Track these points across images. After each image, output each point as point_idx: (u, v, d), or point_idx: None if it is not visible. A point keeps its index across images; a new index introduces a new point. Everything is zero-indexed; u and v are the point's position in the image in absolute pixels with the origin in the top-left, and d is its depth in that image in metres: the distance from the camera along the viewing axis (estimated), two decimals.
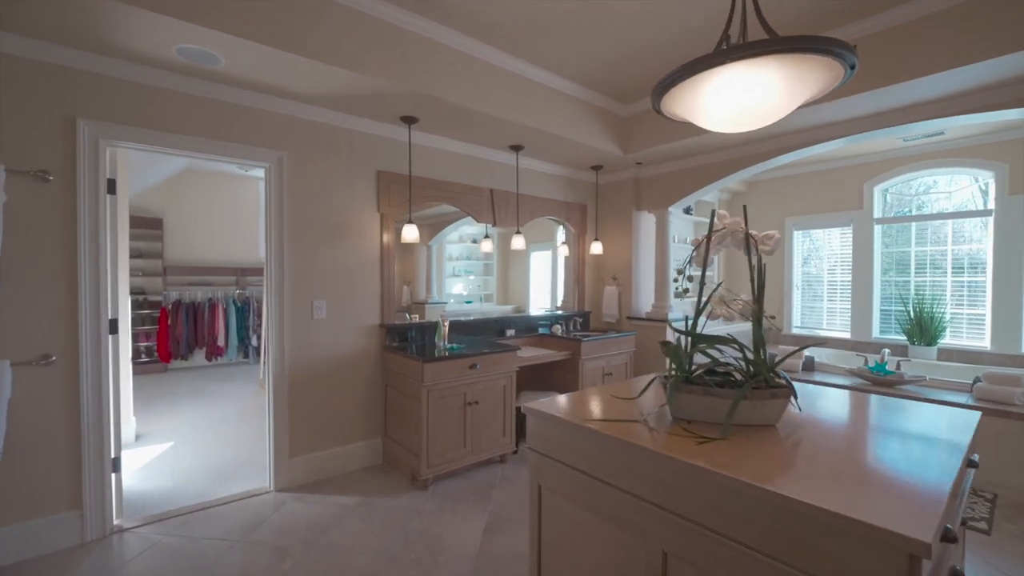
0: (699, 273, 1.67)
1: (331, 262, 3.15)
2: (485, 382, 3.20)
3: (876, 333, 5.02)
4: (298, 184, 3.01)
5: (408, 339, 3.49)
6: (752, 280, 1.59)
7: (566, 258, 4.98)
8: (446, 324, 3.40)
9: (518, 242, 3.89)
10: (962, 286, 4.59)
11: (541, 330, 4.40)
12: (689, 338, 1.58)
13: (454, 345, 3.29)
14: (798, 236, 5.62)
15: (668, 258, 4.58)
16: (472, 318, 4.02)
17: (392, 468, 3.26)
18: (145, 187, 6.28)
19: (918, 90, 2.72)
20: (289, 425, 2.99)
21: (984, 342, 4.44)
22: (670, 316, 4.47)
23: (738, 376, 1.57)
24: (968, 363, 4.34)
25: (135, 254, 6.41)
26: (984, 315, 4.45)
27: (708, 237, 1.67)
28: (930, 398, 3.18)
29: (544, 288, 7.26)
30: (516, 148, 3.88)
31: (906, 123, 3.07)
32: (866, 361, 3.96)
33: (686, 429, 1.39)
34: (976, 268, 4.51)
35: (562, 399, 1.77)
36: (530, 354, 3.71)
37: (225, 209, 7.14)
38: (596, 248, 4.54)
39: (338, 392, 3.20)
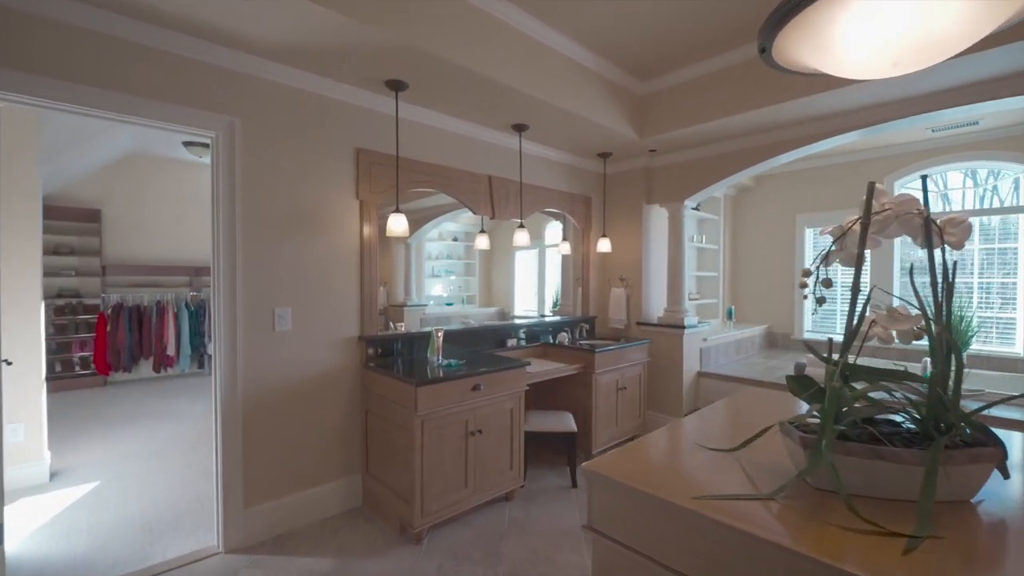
0: (843, 273, 1.15)
1: (298, 260, 2.53)
2: (490, 406, 2.63)
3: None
4: (256, 161, 2.37)
5: (393, 353, 2.89)
6: (934, 285, 1.09)
7: (564, 257, 4.46)
8: (439, 336, 2.82)
9: (521, 238, 3.34)
10: (991, 287, 4.30)
11: (543, 338, 3.86)
12: (842, 370, 1.07)
13: (450, 361, 2.71)
14: (810, 235, 5.27)
15: (683, 256, 4.12)
16: (467, 327, 3.45)
17: (376, 514, 2.65)
18: (78, 174, 5.43)
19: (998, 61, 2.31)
20: (244, 466, 2.35)
21: (1015, 348, 4.15)
22: (686, 321, 4.01)
23: (909, 425, 1.08)
24: (1001, 371, 4.04)
25: (66, 251, 5.54)
26: (1015, 319, 4.17)
27: (863, 221, 1.15)
28: None
29: (529, 290, 6.75)
30: (519, 128, 3.32)
31: (969, 103, 2.67)
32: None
33: (863, 517, 0.87)
34: (1007, 268, 4.22)
35: (630, 452, 1.24)
36: (538, 369, 3.16)
37: (177, 200, 6.32)
38: (604, 245, 4.03)
39: (307, 421, 2.58)
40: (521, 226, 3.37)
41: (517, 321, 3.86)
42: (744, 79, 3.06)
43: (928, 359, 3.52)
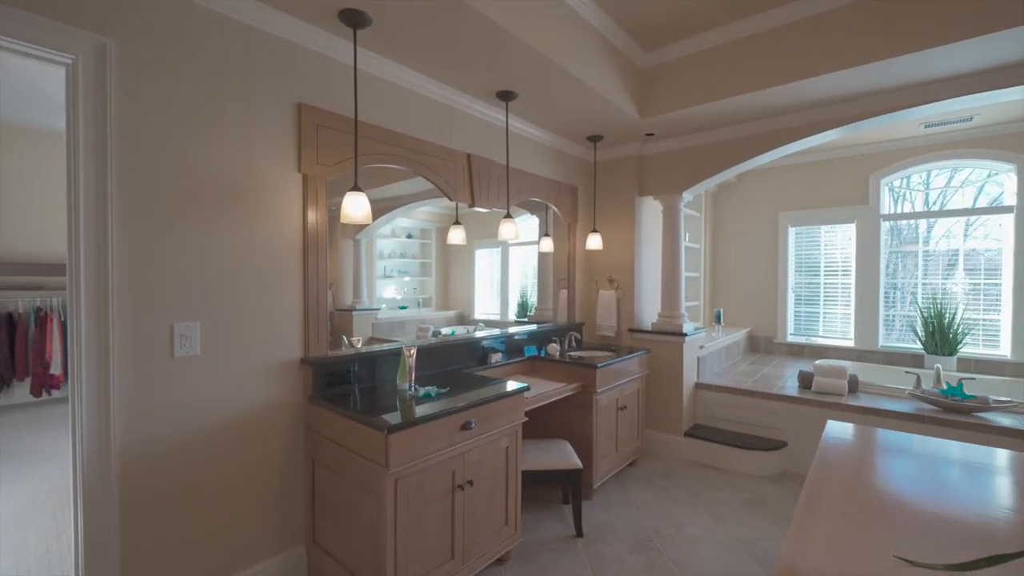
0: None
1: (211, 256, 1.78)
2: (483, 447, 2.01)
3: (881, 341, 4.55)
4: (143, 109, 1.61)
5: (349, 379, 2.18)
6: None
7: (542, 255, 3.93)
8: (412, 355, 2.16)
9: (508, 230, 2.74)
10: (976, 290, 4.22)
11: (528, 350, 3.28)
12: None
13: (428, 390, 2.06)
14: (793, 233, 5.06)
15: (680, 255, 3.68)
16: (442, 341, 2.80)
17: None
18: None
19: None
20: (121, 553, 1.58)
21: (1000, 350, 4.08)
22: (685, 328, 3.57)
23: None
24: (989, 374, 3.93)
25: None
26: (999, 321, 4.10)
27: None
28: None
29: (491, 292, 6.16)
30: (506, 97, 2.72)
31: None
32: (918, 381, 3.33)
33: None
34: (992, 270, 4.14)
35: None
36: (535, 392, 2.57)
37: (60, 184, 5.13)
38: (594, 242, 3.52)
39: (226, 479, 1.83)
40: (507, 216, 2.76)
41: (501, 333, 3.25)
42: (767, 49, 2.63)
43: (939, 366, 3.28)
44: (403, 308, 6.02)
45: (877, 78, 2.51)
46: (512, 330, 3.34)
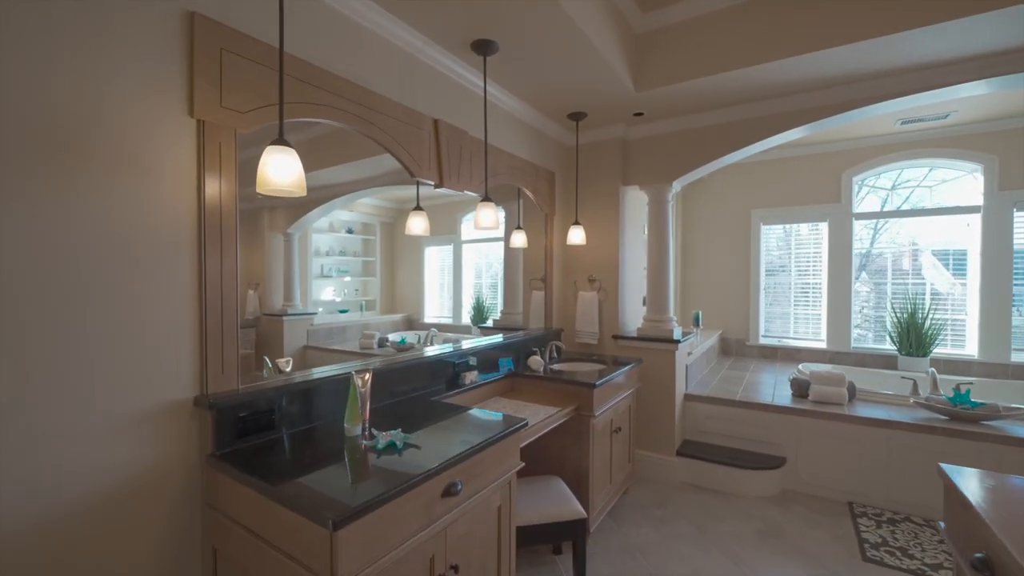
0: None
1: (25, 241, 1.07)
2: (470, 514, 1.43)
3: (853, 342, 4.46)
4: None
5: (274, 422, 1.51)
6: None
7: (510, 251, 3.41)
8: (366, 384, 1.54)
9: (486, 216, 2.17)
10: (946, 290, 4.21)
11: (504, 365, 2.73)
12: None
13: (392, 438, 1.43)
14: (765, 231, 4.89)
15: (668, 252, 3.29)
16: (405, 361, 2.18)
17: None
18: None
19: None
20: None
21: (967, 350, 4.08)
22: (676, 334, 3.19)
23: None
24: (957, 375, 3.91)
25: None
26: (965, 320, 4.10)
27: None
28: None
29: (442, 293, 5.56)
30: (483, 49, 2.15)
31: None
32: (915, 387, 3.15)
33: None
34: (960, 269, 4.14)
35: None
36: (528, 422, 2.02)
37: None
38: (576, 236, 3.04)
39: None
40: (486, 200, 2.20)
41: (476, 346, 2.67)
42: (788, 12, 2.27)
43: (934, 369, 3.11)
44: (344, 312, 5.22)
45: (903, 52, 2.21)
46: (483, 342, 2.77)
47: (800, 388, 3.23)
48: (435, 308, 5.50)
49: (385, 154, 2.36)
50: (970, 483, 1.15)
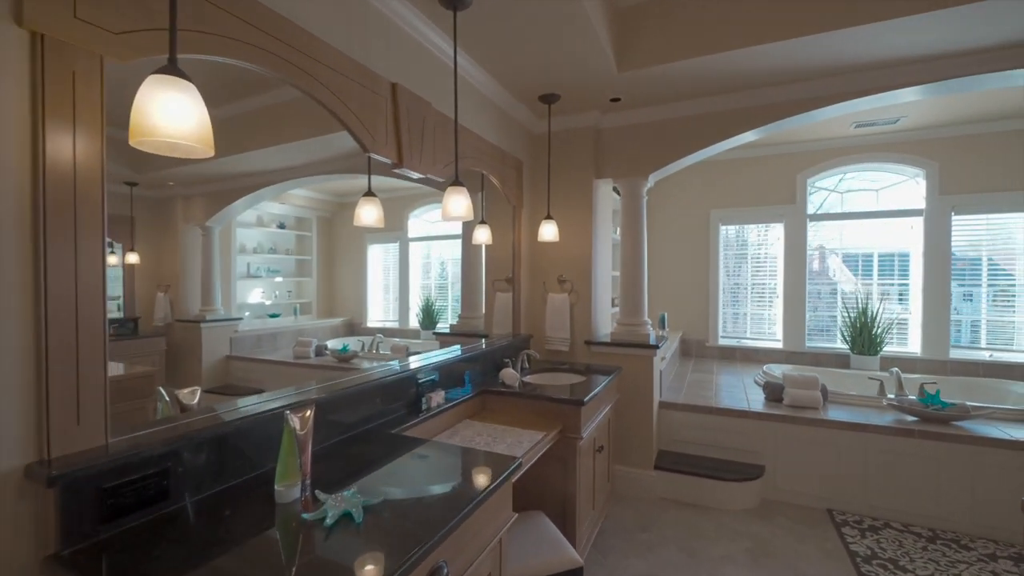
0: None
1: None
2: None
3: (807, 342, 4.52)
4: None
5: (167, 491, 1.04)
6: None
7: (470, 248, 3.06)
8: (306, 425, 1.11)
9: (456, 204, 1.80)
10: (890, 289, 4.36)
11: (472, 379, 2.35)
12: None
13: (344, 506, 1.02)
14: (724, 232, 4.86)
15: (643, 250, 3.07)
16: (353, 386, 1.73)
17: None
18: None
19: None
20: None
21: (909, 347, 4.24)
22: (652, 338, 2.97)
23: None
24: (904, 373, 4.03)
25: None
26: (907, 319, 4.27)
27: None
28: None
29: (386, 295, 5.09)
30: (453, 1, 1.77)
31: None
32: (882, 388, 3.15)
33: None
34: (904, 270, 4.30)
35: None
36: (506, 452, 1.66)
37: None
38: (549, 232, 2.73)
39: None
40: (457, 184, 1.81)
41: (434, 357, 2.26)
42: None
43: (898, 369, 3.13)
44: (274, 316, 4.57)
45: (900, 40, 2.10)
46: (447, 354, 2.38)
47: (774, 392, 3.12)
48: (379, 311, 4.93)
49: (325, 137, 1.92)
50: None
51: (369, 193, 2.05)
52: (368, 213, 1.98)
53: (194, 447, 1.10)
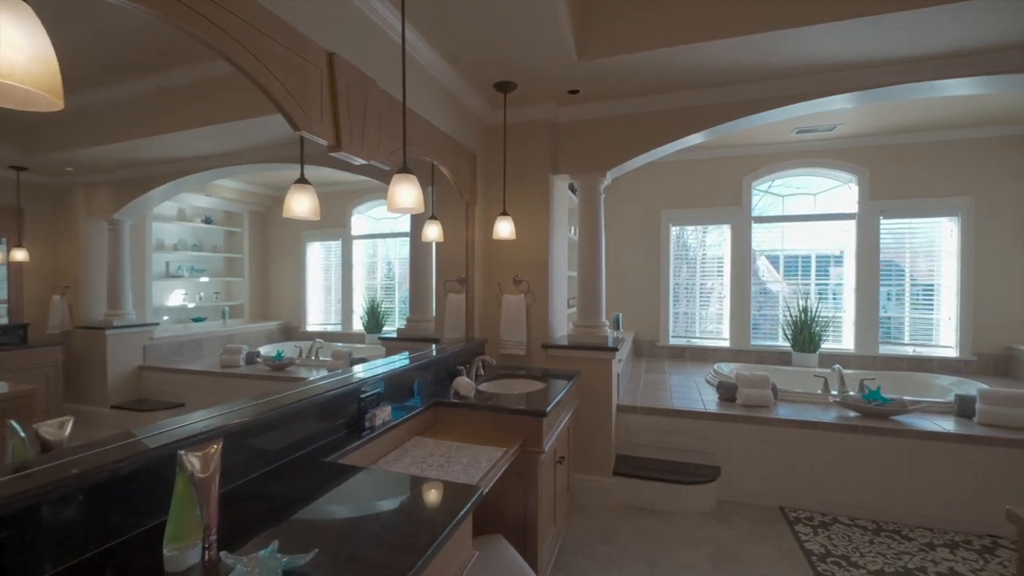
0: None
1: None
2: None
3: (752, 340, 4.65)
4: None
5: (2, 567, 0.77)
6: None
7: (419, 246, 2.85)
8: (211, 458, 0.87)
9: (405, 195, 1.58)
10: (826, 289, 4.57)
11: (423, 389, 2.14)
12: None
13: (263, 572, 0.79)
14: (675, 232, 4.92)
15: (601, 250, 2.98)
16: (279, 406, 1.46)
17: None
18: None
19: None
20: None
21: (844, 344, 4.47)
22: (610, 341, 2.88)
23: None
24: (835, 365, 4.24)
25: None
26: (842, 318, 4.50)
27: None
28: (941, 431, 2.51)
29: (329, 297, 4.74)
30: None
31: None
32: (826, 384, 3.25)
33: None
34: (839, 271, 4.53)
35: None
36: (473, 476, 1.46)
37: None
38: (504, 229, 2.57)
39: None
40: (404, 171, 1.60)
41: (378, 368, 2.02)
42: None
43: (839, 366, 3.24)
44: (199, 320, 4.08)
45: (877, 40, 2.13)
46: (393, 363, 2.15)
47: (727, 391, 3.14)
48: (320, 314, 4.53)
49: (257, 119, 1.64)
50: None
51: (302, 180, 1.78)
52: (300, 203, 1.71)
53: (54, 502, 0.83)
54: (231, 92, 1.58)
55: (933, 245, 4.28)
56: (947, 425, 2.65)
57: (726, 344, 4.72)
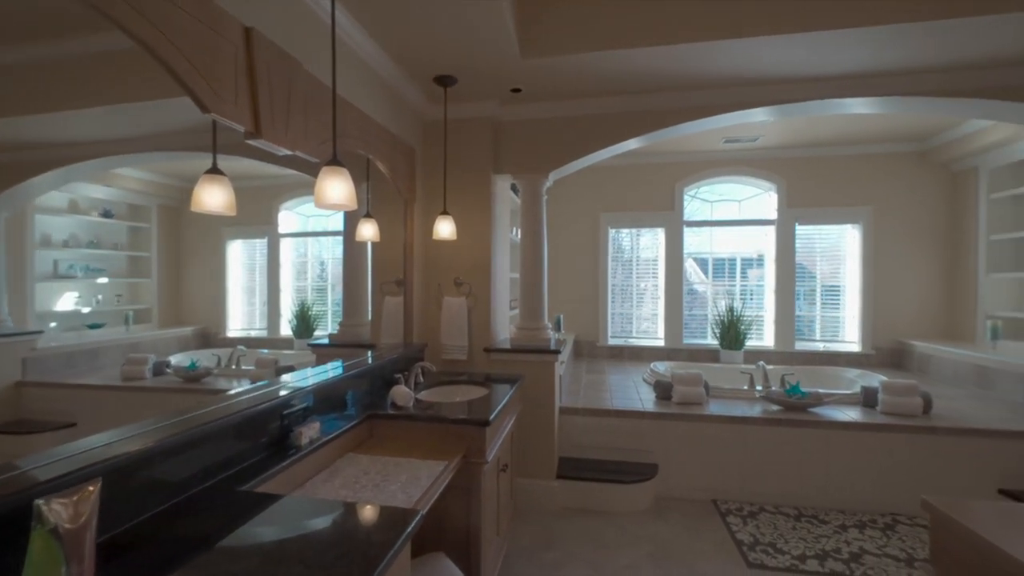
0: None
1: None
2: None
3: (684, 339, 4.87)
4: None
5: None
6: None
7: (354, 246, 2.69)
8: (83, 508, 0.71)
9: (335, 189, 1.44)
10: (748, 290, 4.88)
11: (355, 399, 1.99)
12: None
13: None
14: (613, 235, 5.04)
15: (543, 251, 2.96)
16: (184, 427, 1.27)
17: None
18: None
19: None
20: None
21: (765, 341, 4.80)
22: (552, 343, 2.87)
23: None
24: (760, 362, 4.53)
25: None
26: (763, 316, 4.82)
27: None
28: (852, 421, 2.75)
29: (254, 300, 4.39)
30: None
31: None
32: (751, 380, 3.44)
33: None
34: (760, 273, 4.85)
35: None
36: (412, 495, 1.35)
37: None
38: (445, 229, 2.47)
39: None
40: (334, 164, 1.46)
41: (306, 378, 1.84)
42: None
43: (763, 362, 3.45)
44: (96, 327, 3.59)
45: (803, 54, 2.26)
46: (323, 373, 1.99)
47: (664, 390, 3.24)
48: (243, 318, 4.16)
49: (167, 101, 1.43)
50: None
51: (214, 170, 1.57)
52: (212, 196, 1.51)
53: None
54: (134, 68, 1.37)
55: (839, 250, 4.71)
56: (855, 415, 2.90)
57: (661, 343, 4.91)
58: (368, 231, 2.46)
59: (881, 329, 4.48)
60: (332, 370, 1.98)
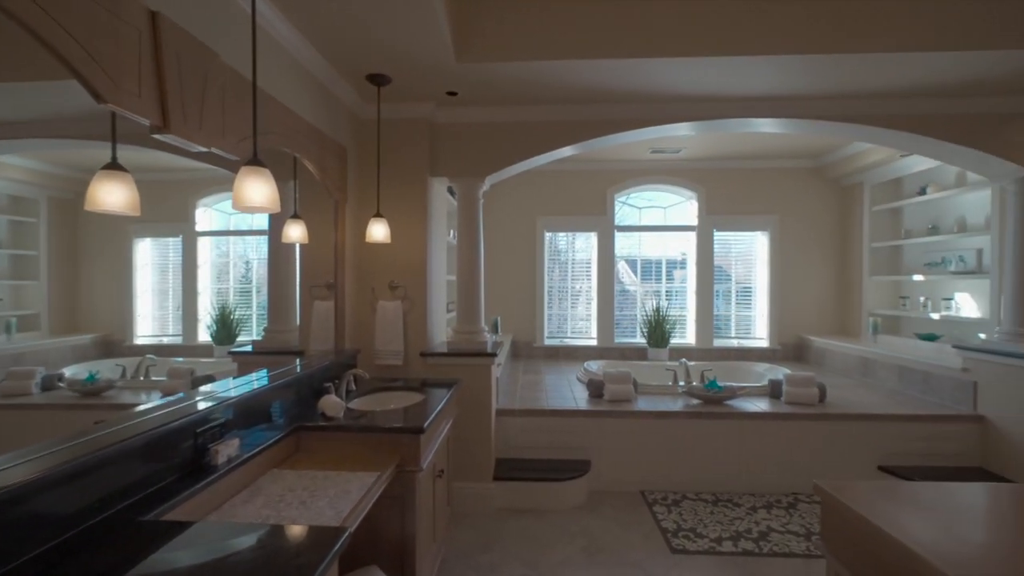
0: None
1: None
2: None
3: (616, 338, 5.10)
4: None
5: None
6: None
7: (281, 247, 2.56)
8: None
9: (256, 190, 1.36)
10: (672, 290, 5.20)
11: (282, 409, 1.89)
12: None
13: None
14: (550, 237, 5.15)
15: (479, 254, 2.98)
16: (89, 454, 1.14)
17: None
18: None
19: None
20: None
21: (688, 339, 5.14)
22: (489, 346, 2.89)
23: None
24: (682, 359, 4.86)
25: None
26: (686, 316, 5.16)
27: None
28: (768, 411, 3.04)
29: (167, 303, 4.04)
30: None
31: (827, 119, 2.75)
32: (675, 377, 3.67)
33: None
34: (684, 274, 5.19)
35: None
36: (340, 511, 1.30)
37: None
38: (379, 231, 2.41)
39: None
40: (255, 163, 1.37)
41: (224, 391, 1.72)
42: (632, 14, 2.22)
43: (685, 359, 3.70)
44: None
45: (734, 78, 2.44)
46: (243, 384, 1.87)
47: (596, 389, 3.37)
48: (153, 324, 3.80)
49: (64, 83, 1.27)
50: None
51: (113, 166, 1.42)
52: (111, 194, 1.37)
53: None
54: (15, 42, 1.20)
55: (751, 254, 5.15)
56: (763, 406, 3.19)
57: (594, 343, 5.10)
58: (296, 232, 2.34)
59: (786, 326, 4.97)
60: (256, 380, 1.86)
